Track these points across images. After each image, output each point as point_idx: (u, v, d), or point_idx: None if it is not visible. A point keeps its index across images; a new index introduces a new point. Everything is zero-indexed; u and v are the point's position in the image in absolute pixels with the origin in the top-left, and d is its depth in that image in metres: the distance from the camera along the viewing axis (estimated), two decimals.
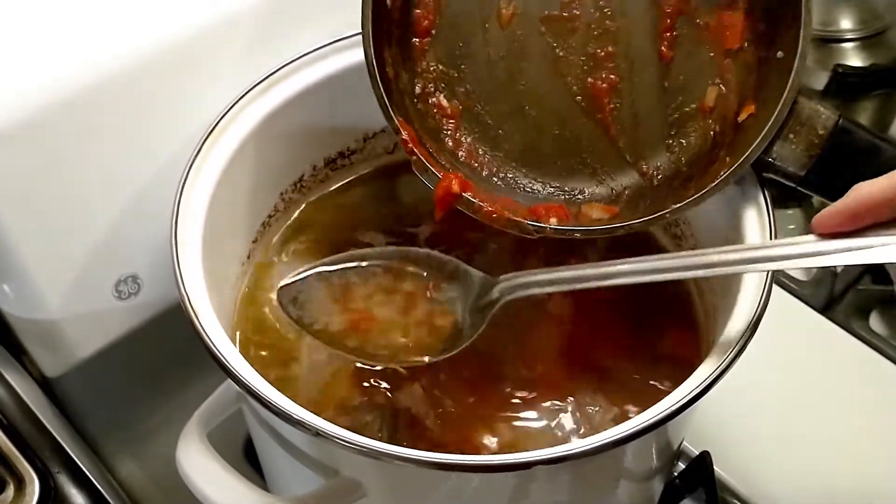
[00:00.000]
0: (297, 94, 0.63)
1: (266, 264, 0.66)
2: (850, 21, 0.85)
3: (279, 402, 0.47)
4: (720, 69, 0.57)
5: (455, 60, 0.59)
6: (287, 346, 0.62)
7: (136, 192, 0.63)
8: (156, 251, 0.65)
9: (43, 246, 0.61)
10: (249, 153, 0.61)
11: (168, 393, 0.76)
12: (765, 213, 0.56)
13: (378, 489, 0.52)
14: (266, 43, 0.64)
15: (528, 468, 0.46)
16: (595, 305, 0.62)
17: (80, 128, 0.59)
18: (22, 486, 0.63)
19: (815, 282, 0.87)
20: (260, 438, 0.59)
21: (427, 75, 0.59)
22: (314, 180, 0.69)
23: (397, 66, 0.57)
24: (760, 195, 0.56)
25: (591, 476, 0.54)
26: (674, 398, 0.47)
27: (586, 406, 0.58)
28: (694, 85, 0.58)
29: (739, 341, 0.49)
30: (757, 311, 0.50)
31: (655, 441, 0.56)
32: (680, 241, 0.65)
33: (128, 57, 0.59)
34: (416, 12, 0.58)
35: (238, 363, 0.49)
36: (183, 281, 0.52)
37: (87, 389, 0.72)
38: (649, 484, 0.62)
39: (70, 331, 0.66)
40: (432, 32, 0.59)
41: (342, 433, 0.46)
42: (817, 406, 0.78)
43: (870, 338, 0.83)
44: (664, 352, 0.60)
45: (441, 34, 0.59)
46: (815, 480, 0.74)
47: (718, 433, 0.73)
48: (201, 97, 0.62)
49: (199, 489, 0.50)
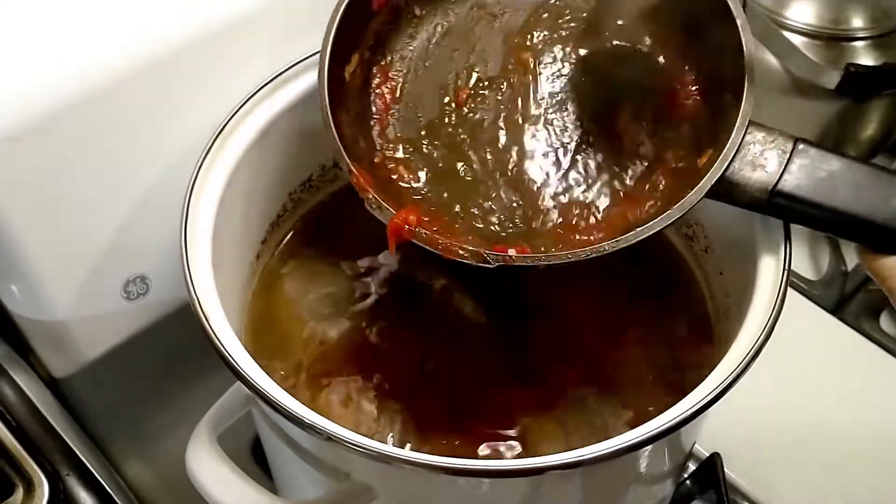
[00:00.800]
0: (305, 94, 0.62)
1: (275, 264, 0.66)
2: (862, 20, 0.84)
3: (290, 405, 0.47)
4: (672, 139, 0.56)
5: (414, 139, 0.59)
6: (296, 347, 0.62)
7: (145, 192, 0.63)
8: (164, 252, 0.65)
9: (51, 246, 0.61)
10: (258, 154, 0.61)
11: (176, 393, 0.76)
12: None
13: (389, 493, 0.52)
14: (275, 43, 0.64)
15: (541, 474, 0.45)
16: (608, 308, 0.61)
17: (89, 128, 0.59)
18: (31, 489, 0.63)
19: (826, 282, 0.86)
20: (270, 442, 0.58)
21: (385, 148, 0.59)
22: (323, 180, 0.69)
23: (356, 132, 0.58)
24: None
25: (603, 480, 0.54)
26: (688, 403, 0.47)
27: (599, 410, 0.57)
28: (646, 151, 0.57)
29: (754, 346, 0.49)
30: (771, 315, 0.50)
31: (668, 445, 0.55)
32: (692, 241, 0.65)
33: (138, 57, 0.59)
34: (376, 101, 0.59)
35: (248, 366, 0.49)
36: (192, 282, 0.52)
37: (96, 390, 0.72)
38: (660, 486, 0.62)
39: (78, 331, 0.65)
40: (390, 113, 0.59)
41: (354, 437, 0.45)
42: (827, 407, 0.77)
43: (880, 338, 0.83)
44: (677, 356, 0.60)
45: (399, 115, 0.59)
46: (825, 482, 0.73)
47: (728, 434, 0.73)
48: (211, 97, 0.62)
49: (209, 494, 0.50)
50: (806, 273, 0.88)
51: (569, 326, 0.62)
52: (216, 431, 0.53)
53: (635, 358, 0.60)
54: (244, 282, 0.63)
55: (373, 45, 0.59)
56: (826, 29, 0.84)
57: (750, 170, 0.51)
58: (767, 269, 0.53)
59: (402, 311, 0.63)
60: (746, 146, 0.51)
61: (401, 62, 0.60)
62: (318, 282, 0.65)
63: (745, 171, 0.51)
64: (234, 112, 0.59)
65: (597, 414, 0.57)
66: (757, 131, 0.52)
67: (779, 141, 0.51)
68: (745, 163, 0.51)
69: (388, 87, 0.59)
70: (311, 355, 0.61)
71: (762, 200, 0.51)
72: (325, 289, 0.65)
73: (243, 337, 0.61)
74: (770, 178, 0.51)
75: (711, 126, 0.54)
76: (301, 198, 0.68)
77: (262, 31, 0.64)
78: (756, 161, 0.51)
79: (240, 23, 0.63)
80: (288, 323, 0.63)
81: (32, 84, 0.56)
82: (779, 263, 0.53)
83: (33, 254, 0.60)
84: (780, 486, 0.73)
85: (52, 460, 0.66)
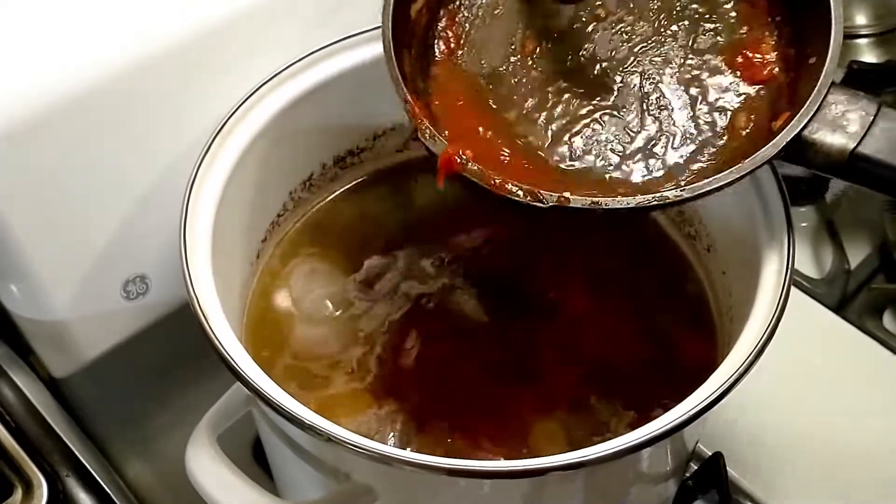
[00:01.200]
0: (306, 92, 0.62)
1: (275, 263, 0.66)
2: (866, 17, 0.84)
3: (290, 406, 0.46)
4: (749, 100, 0.55)
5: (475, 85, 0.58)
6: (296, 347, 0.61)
7: (145, 191, 0.63)
8: (164, 251, 0.65)
9: (50, 246, 0.61)
10: (258, 152, 0.60)
11: (176, 393, 0.75)
12: (781, 208, 0.55)
13: (390, 494, 0.52)
14: (274, 41, 0.64)
15: (543, 475, 0.45)
16: (610, 308, 0.61)
17: (88, 127, 0.58)
18: (30, 490, 0.63)
19: (829, 280, 0.86)
20: (270, 442, 0.58)
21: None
22: (324, 179, 0.69)
23: (415, 72, 0.57)
24: (776, 191, 0.55)
25: (606, 481, 0.54)
26: (691, 403, 0.46)
27: (601, 410, 0.57)
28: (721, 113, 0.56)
29: (757, 345, 0.48)
30: (774, 314, 0.50)
31: (671, 445, 0.55)
32: (694, 240, 0.65)
33: (136, 56, 0.59)
34: (440, 43, 0.58)
35: (248, 366, 0.49)
36: (192, 282, 0.52)
37: (95, 390, 0.71)
38: (663, 486, 0.62)
39: (78, 331, 0.65)
40: (453, 58, 0.58)
41: (354, 438, 0.45)
42: (830, 406, 0.77)
43: (884, 337, 0.82)
44: (680, 355, 0.60)
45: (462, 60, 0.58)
46: (828, 481, 0.73)
47: (730, 433, 0.73)
48: (210, 96, 0.62)
49: (209, 495, 0.50)
50: (809, 271, 0.88)
51: (571, 326, 0.61)
52: (216, 432, 0.53)
53: (637, 357, 0.60)
54: (244, 281, 0.63)
55: None
56: None
57: (830, 131, 0.50)
58: (770, 267, 0.53)
59: (403, 310, 0.63)
60: (827, 106, 0.50)
61: (469, 8, 0.59)
62: (319, 281, 0.65)
63: (823, 132, 0.50)
64: (234, 110, 0.59)
65: (599, 414, 0.57)
66: (839, 93, 0.50)
67: (862, 103, 0.50)
68: (825, 123, 0.50)
69: (454, 31, 0.58)
70: (311, 355, 0.61)
71: (840, 162, 0.50)
72: (325, 288, 0.64)
73: (243, 337, 0.61)
74: (850, 140, 0.49)
75: (790, 90, 0.53)
76: (302, 197, 0.68)
77: (262, 29, 0.64)
78: (837, 122, 0.50)
79: (240, 21, 0.62)
80: (288, 322, 0.62)
81: (31, 85, 0.56)
82: (782, 262, 0.53)
83: (32, 253, 0.60)
84: (782, 485, 0.72)
85: (51, 461, 0.66)
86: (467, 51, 0.58)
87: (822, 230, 0.91)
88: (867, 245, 0.91)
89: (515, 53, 0.58)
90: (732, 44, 0.56)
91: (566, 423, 0.57)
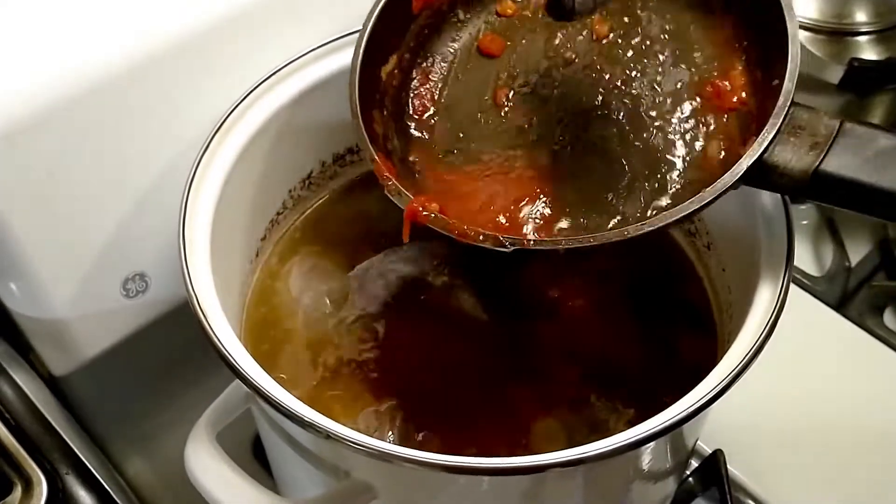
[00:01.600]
0: (305, 90, 0.62)
1: (274, 261, 0.66)
2: (866, 14, 0.84)
3: (290, 403, 0.46)
4: (720, 128, 0.55)
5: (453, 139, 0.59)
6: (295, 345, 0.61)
7: (144, 189, 0.63)
8: (163, 249, 0.65)
9: (50, 244, 0.61)
10: (257, 150, 0.60)
11: (176, 391, 0.75)
12: (780, 206, 0.55)
13: (389, 491, 0.52)
14: (274, 38, 0.64)
15: (543, 471, 0.45)
16: (610, 306, 0.61)
17: (87, 126, 0.58)
18: (29, 488, 0.63)
19: (829, 278, 0.86)
20: (270, 440, 0.58)
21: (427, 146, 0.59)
22: (323, 177, 0.69)
23: (388, 130, 0.58)
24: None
25: (606, 478, 0.54)
26: (690, 400, 0.46)
27: (601, 408, 0.57)
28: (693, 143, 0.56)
29: (756, 342, 0.48)
30: (774, 311, 0.50)
31: (670, 443, 0.55)
32: (693, 237, 0.65)
33: (134, 54, 0.59)
34: (414, 101, 0.59)
35: (247, 364, 0.49)
36: (191, 280, 0.52)
37: (95, 388, 0.71)
38: (663, 484, 0.62)
39: (77, 329, 0.65)
40: (429, 114, 0.59)
41: (353, 435, 0.45)
42: (831, 404, 0.77)
43: (884, 334, 0.82)
44: (679, 352, 0.60)
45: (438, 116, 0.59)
46: (828, 479, 0.73)
47: (731, 431, 0.73)
48: (209, 94, 0.62)
49: (209, 492, 0.49)
50: (809, 269, 0.88)
51: (571, 324, 0.61)
52: (215, 429, 0.53)
53: (637, 355, 0.60)
54: (244, 279, 0.63)
55: (413, 48, 0.59)
56: (829, 24, 0.84)
57: (791, 152, 0.49)
58: (770, 265, 0.53)
59: (402, 308, 0.63)
60: (788, 127, 0.49)
61: (442, 64, 0.60)
62: (319, 279, 0.65)
63: (785, 154, 0.49)
64: (233, 108, 0.59)
65: (598, 412, 0.57)
66: (801, 112, 0.50)
67: (823, 121, 0.49)
68: (786, 144, 0.49)
69: (427, 88, 0.59)
70: (310, 353, 0.61)
71: (804, 182, 0.49)
72: (325, 286, 0.64)
73: (242, 334, 0.61)
74: (812, 159, 0.48)
75: (759, 114, 0.53)
76: (301, 195, 0.68)
77: (261, 28, 0.63)
78: (798, 143, 0.49)
79: (238, 20, 0.62)
80: (287, 320, 0.62)
81: (30, 83, 0.56)
82: (782, 259, 0.53)
83: (32, 252, 0.60)
84: (783, 482, 0.72)
85: (50, 459, 0.66)
86: (441, 109, 0.59)
87: (823, 227, 0.91)
88: (868, 242, 0.91)
89: (487, 107, 0.59)
90: (701, 75, 0.56)
91: (566, 421, 0.57)
